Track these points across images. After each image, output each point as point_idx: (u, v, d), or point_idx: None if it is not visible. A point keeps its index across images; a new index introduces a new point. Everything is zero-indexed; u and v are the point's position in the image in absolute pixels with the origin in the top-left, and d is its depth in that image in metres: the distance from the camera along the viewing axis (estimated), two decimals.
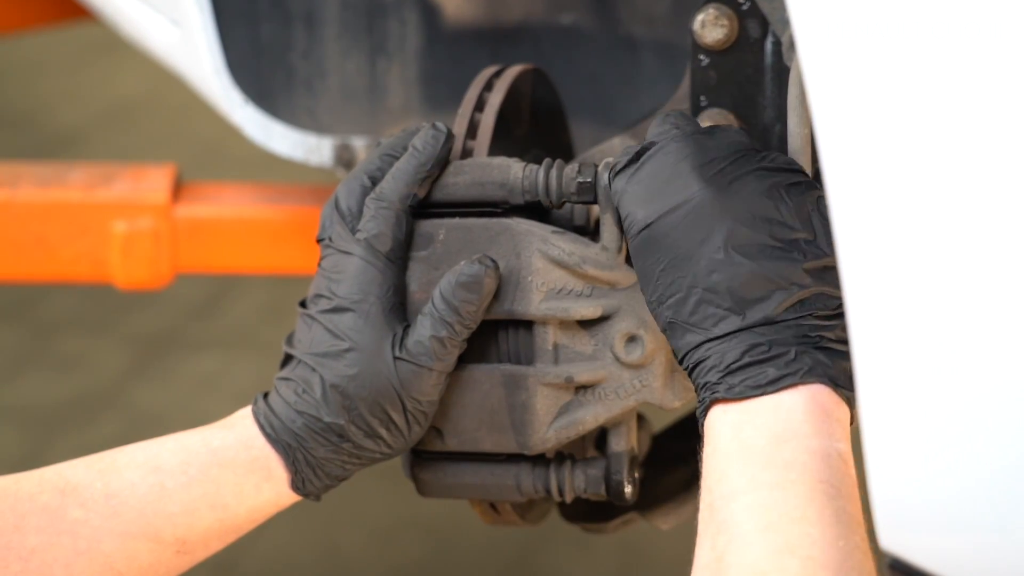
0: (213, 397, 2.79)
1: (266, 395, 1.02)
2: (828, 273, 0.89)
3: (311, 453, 1.00)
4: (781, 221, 0.89)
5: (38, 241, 1.61)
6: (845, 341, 0.88)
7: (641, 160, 0.95)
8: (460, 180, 1.02)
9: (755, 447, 0.84)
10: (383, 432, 0.99)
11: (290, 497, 1.01)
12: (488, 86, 1.09)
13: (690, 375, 0.91)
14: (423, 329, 0.98)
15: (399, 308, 1.00)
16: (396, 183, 1.01)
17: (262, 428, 1.00)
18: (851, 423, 0.87)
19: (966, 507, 0.74)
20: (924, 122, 0.70)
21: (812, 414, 0.84)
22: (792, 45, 1.00)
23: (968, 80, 0.68)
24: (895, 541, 0.76)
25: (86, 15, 2.20)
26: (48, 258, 1.61)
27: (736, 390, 0.86)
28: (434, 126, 1.03)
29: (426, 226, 1.02)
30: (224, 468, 0.98)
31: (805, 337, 0.86)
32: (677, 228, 0.91)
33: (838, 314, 0.88)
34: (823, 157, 0.74)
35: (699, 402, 0.90)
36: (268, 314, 3.02)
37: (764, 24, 1.06)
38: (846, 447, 0.84)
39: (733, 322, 0.88)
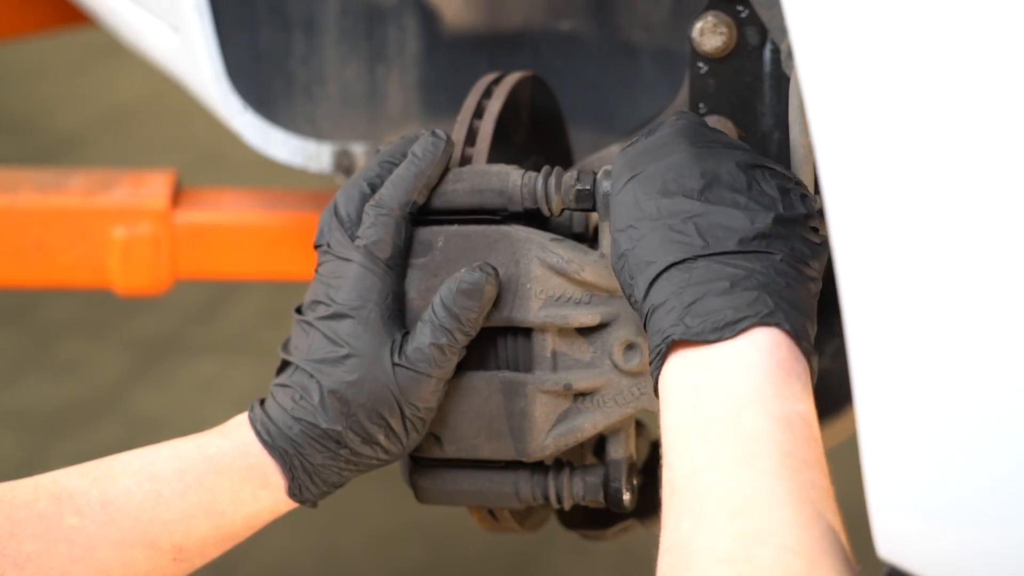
0: (212, 402, 2.79)
1: (262, 402, 1.02)
2: (797, 227, 0.88)
3: (308, 460, 0.99)
4: (760, 190, 0.89)
5: (37, 246, 1.61)
6: (810, 300, 0.87)
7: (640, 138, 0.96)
8: (459, 187, 1.02)
9: (715, 417, 0.81)
10: (381, 438, 0.99)
11: (287, 504, 1.01)
12: (487, 93, 1.09)
13: (648, 328, 0.88)
14: (423, 336, 0.98)
15: (398, 315, 1.00)
16: (396, 190, 1.01)
17: (259, 435, 0.99)
18: (812, 380, 0.85)
19: (965, 515, 0.74)
20: (922, 131, 0.70)
21: (773, 373, 0.82)
22: (791, 53, 1.00)
23: (966, 88, 0.69)
24: (893, 550, 0.76)
25: (85, 20, 2.20)
26: (47, 263, 1.61)
27: (694, 331, 0.84)
28: (434, 133, 1.03)
29: (425, 233, 1.02)
30: (221, 475, 0.98)
31: (770, 282, 0.85)
32: (654, 180, 0.91)
33: (805, 275, 0.87)
34: (820, 166, 0.74)
35: (653, 354, 0.86)
36: (267, 319, 3.02)
37: (763, 32, 1.06)
38: (807, 407, 0.82)
39: (694, 249, 0.86)
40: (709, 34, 1.06)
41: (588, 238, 1.07)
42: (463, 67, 1.44)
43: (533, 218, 1.04)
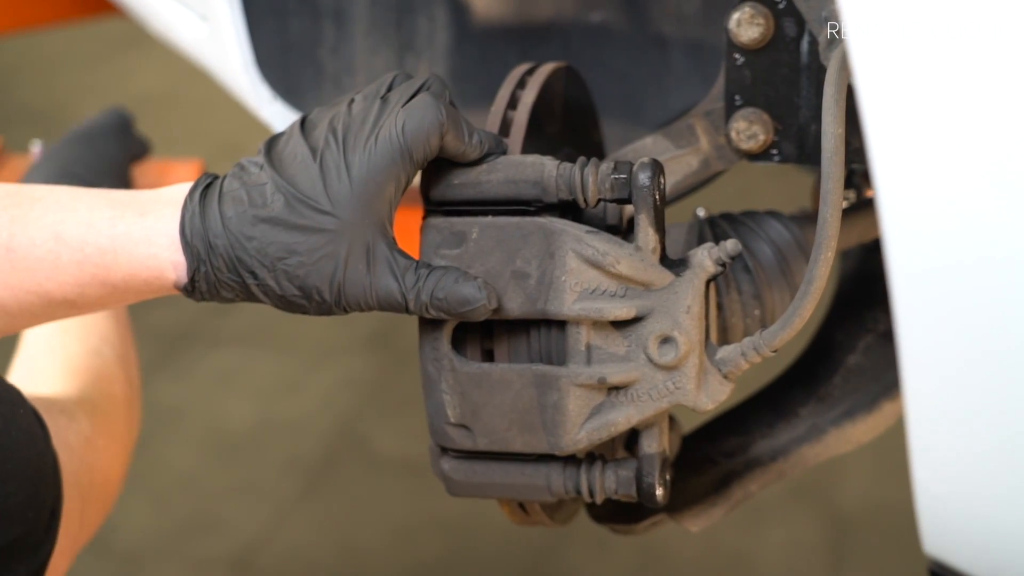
0: (231, 392, 2.80)
1: (208, 187, 0.98)
2: None
3: (216, 272, 0.97)
4: None
5: None
6: None
7: None
8: (493, 178, 1.01)
9: None
10: (296, 301, 0.97)
11: (176, 293, 1.00)
12: (521, 83, 1.09)
13: None
14: (412, 276, 0.96)
15: (393, 206, 0.97)
16: (457, 124, 0.98)
17: (182, 228, 0.97)
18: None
19: (1011, 514, 0.73)
20: (983, 119, 0.69)
21: None
22: (829, 43, 0.99)
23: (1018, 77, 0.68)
24: (939, 546, 0.75)
25: (106, 11, 2.20)
26: None
27: None
28: (501, 142, 1.02)
29: (459, 224, 1.01)
30: (118, 256, 0.97)
31: None
32: None
33: None
34: (873, 158, 0.73)
35: None
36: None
37: (800, 23, 1.05)
38: None
39: None
40: (746, 25, 1.05)
41: (622, 230, 1.06)
42: (492, 58, 1.44)
43: (567, 210, 1.03)
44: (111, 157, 1.59)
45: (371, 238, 0.96)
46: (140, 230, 0.97)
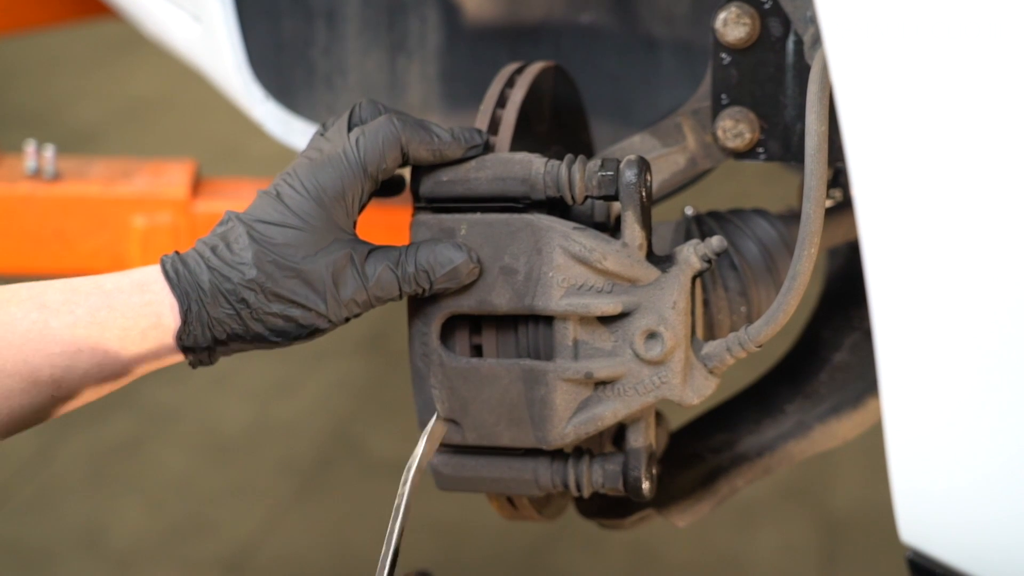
0: (225, 395, 2.80)
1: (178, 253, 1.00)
2: None
3: (207, 309, 0.97)
4: None
5: (57, 235, 1.62)
6: None
7: None
8: (482, 175, 1.02)
9: None
10: (291, 316, 0.98)
11: (171, 352, 0.99)
12: (510, 82, 1.09)
13: None
14: (389, 253, 0.98)
15: (354, 216, 0.99)
16: (418, 131, 1.00)
17: (166, 273, 0.97)
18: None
19: (988, 500, 0.74)
20: (957, 119, 0.70)
21: None
22: (814, 43, 1.01)
23: (1000, 76, 0.69)
24: (915, 534, 0.76)
25: (103, 13, 2.21)
26: (67, 252, 1.62)
27: None
28: (480, 132, 1.04)
29: (448, 221, 1.02)
30: (113, 310, 0.96)
31: None
32: None
33: None
34: (849, 156, 0.74)
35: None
36: None
37: (786, 23, 1.06)
38: None
39: None
40: (732, 25, 1.06)
41: (610, 227, 1.07)
42: (483, 59, 1.45)
43: (555, 207, 1.04)
44: None
45: (347, 243, 0.98)
46: (128, 283, 0.97)
